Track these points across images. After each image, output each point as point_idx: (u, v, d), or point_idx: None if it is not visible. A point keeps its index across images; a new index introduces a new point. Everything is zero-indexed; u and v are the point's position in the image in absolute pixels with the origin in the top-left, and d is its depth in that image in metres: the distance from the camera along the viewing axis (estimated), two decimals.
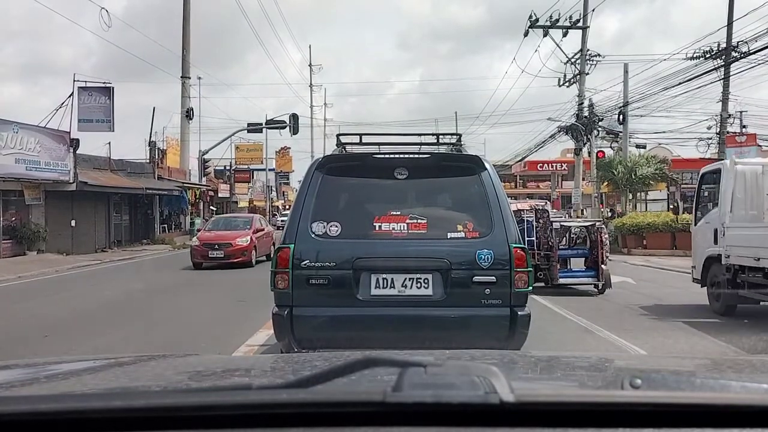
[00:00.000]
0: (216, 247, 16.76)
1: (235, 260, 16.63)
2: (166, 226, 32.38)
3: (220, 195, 43.80)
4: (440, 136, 5.85)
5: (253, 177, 52.76)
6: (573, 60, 27.67)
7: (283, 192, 65.01)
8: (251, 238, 17.56)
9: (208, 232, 18.11)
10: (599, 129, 29.29)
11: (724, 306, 8.73)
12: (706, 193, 10.02)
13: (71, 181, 22.08)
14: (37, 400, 1.14)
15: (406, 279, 4.47)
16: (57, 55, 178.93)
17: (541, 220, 11.57)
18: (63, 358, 3.79)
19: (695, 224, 9.99)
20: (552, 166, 45.46)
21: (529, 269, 4.55)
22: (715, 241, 8.79)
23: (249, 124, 37.48)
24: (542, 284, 10.95)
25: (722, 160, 24.24)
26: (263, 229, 19.40)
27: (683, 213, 18.14)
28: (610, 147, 32.25)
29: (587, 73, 27.44)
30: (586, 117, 27.58)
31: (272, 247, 17.73)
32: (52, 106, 24.37)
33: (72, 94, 25.03)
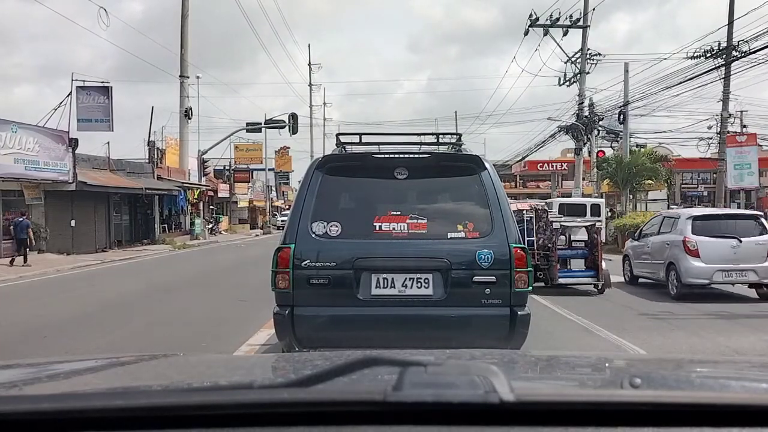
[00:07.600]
0: None
1: None
2: (166, 226, 32.36)
3: (219, 195, 43.83)
4: (440, 136, 5.85)
5: (252, 177, 52.74)
6: (573, 59, 27.66)
7: (283, 192, 64.94)
8: None
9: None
10: (600, 128, 29.28)
11: None
12: None
13: (71, 180, 22.03)
14: (39, 399, 1.15)
15: (406, 279, 4.47)
16: (74, 58, 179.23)
17: (541, 221, 11.57)
18: (65, 358, 3.80)
19: None
20: (552, 166, 45.46)
21: (529, 269, 4.55)
22: None
23: (248, 124, 37.37)
24: (542, 284, 10.95)
25: (722, 159, 24.10)
26: None
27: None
28: (611, 147, 32.26)
29: (588, 73, 27.43)
30: (586, 116, 27.56)
31: None
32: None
33: (70, 93, 24.99)
